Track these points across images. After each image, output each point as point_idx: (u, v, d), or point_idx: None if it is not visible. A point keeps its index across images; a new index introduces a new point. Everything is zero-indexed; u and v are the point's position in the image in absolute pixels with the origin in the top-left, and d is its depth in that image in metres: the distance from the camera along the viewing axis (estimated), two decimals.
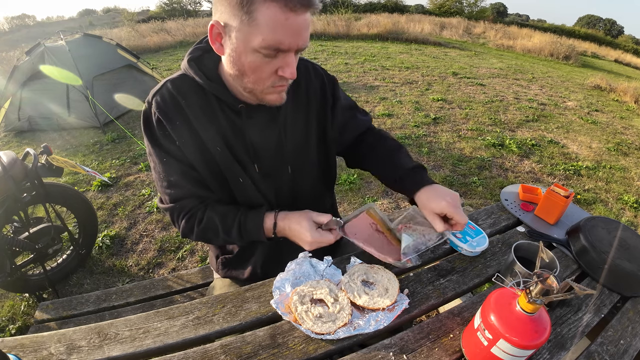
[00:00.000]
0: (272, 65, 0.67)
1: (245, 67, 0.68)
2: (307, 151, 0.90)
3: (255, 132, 0.81)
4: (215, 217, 0.83)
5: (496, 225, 1.11)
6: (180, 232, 0.86)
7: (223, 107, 0.78)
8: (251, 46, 0.64)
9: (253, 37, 0.63)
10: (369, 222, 0.92)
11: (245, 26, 0.62)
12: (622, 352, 0.72)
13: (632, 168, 3.68)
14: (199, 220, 0.83)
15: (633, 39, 32.51)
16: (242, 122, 0.79)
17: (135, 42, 9.22)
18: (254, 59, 0.66)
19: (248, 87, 0.72)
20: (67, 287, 1.99)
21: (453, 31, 14.73)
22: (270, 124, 0.82)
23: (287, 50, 0.65)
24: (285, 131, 0.84)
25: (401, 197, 2.89)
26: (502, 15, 37.57)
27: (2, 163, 1.52)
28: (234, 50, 0.67)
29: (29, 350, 0.67)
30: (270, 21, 0.61)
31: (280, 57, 0.66)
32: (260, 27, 0.61)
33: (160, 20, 13.68)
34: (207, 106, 0.78)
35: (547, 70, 8.96)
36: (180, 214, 0.84)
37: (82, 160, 3.50)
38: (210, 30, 0.67)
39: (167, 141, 0.77)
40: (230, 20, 0.63)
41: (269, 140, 0.83)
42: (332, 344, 0.69)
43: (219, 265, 1.02)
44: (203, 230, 0.83)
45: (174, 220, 0.87)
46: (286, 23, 0.61)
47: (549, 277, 0.56)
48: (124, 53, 4.89)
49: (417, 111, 4.83)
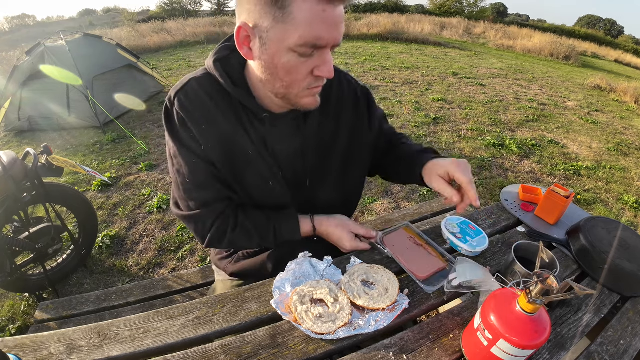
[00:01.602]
0: (308, 65, 0.64)
1: (279, 69, 0.64)
2: (330, 167, 0.87)
3: (277, 141, 0.78)
4: (248, 223, 0.81)
5: (496, 225, 1.11)
6: (207, 240, 0.81)
7: (248, 114, 0.76)
8: (286, 45, 0.60)
9: (289, 35, 0.59)
10: (407, 236, 0.98)
11: (280, 23, 0.58)
12: (622, 352, 0.72)
13: (632, 168, 3.68)
14: (232, 226, 0.80)
15: (633, 39, 32.52)
16: (265, 130, 0.77)
17: (135, 42, 9.23)
18: (289, 59, 0.62)
19: (281, 92, 0.68)
20: (67, 287, 1.99)
21: (453, 31, 14.74)
22: (295, 134, 0.80)
23: (324, 46, 0.62)
24: (309, 143, 0.82)
25: (401, 197, 2.90)
26: (502, 15, 37.57)
27: (2, 163, 1.52)
28: (265, 53, 0.63)
29: (29, 350, 0.67)
30: (308, 15, 0.57)
31: (316, 55, 0.63)
32: (297, 22, 0.57)
33: (160, 20, 13.67)
34: (233, 110, 0.75)
35: (547, 71, 8.97)
36: (210, 219, 0.80)
37: (82, 160, 3.50)
38: (237, 34, 0.64)
39: (193, 142, 0.74)
40: (261, 20, 0.60)
41: (291, 150, 0.81)
42: (332, 344, 0.69)
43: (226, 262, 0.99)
44: (237, 236, 0.80)
45: (200, 227, 0.80)
46: (324, 16, 0.58)
47: (549, 277, 0.56)
48: (124, 53, 4.89)
49: (417, 111, 4.83)
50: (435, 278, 0.85)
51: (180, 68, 7.22)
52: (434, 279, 0.84)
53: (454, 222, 1.02)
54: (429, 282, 0.84)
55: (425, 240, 0.96)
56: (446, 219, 1.04)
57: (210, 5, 30.81)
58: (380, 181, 3.06)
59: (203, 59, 8.16)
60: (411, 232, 1.00)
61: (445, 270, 0.86)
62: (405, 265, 0.87)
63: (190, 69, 7.10)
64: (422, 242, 0.96)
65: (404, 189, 2.99)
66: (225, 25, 12.15)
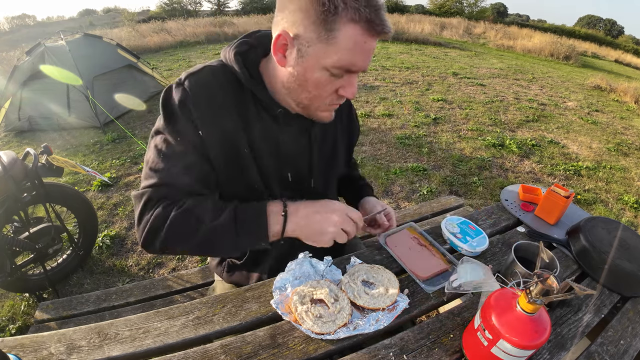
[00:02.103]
0: (334, 84, 0.67)
1: (309, 82, 0.67)
2: (333, 168, 0.92)
3: (288, 139, 0.80)
4: (204, 203, 0.71)
5: (496, 225, 1.11)
6: (147, 226, 0.69)
7: (259, 109, 0.75)
8: (322, 63, 0.63)
9: (328, 55, 0.62)
10: (410, 237, 0.98)
11: (322, 43, 0.61)
12: (622, 353, 0.72)
13: (632, 168, 3.68)
14: (179, 205, 0.70)
15: (633, 39, 32.54)
16: (277, 128, 0.77)
17: (135, 42, 9.23)
18: (320, 75, 0.65)
19: (304, 102, 0.71)
20: (67, 287, 1.99)
21: (453, 31, 14.75)
22: (302, 135, 0.82)
23: (356, 71, 0.66)
24: (315, 145, 0.85)
25: (401, 197, 2.90)
26: (502, 15, 37.58)
27: (2, 163, 1.52)
28: (299, 64, 0.65)
29: (29, 350, 0.67)
30: (350, 43, 0.61)
31: (345, 77, 0.67)
32: (339, 46, 0.61)
33: (160, 20, 13.67)
34: (243, 104, 0.74)
35: (547, 71, 8.97)
36: (160, 199, 0.70)
37: (82, 160, 3.50)
38: (276, 40, 0.65)
39: (187, 123, 0.70)
40: (305, 34, 0.62)
41: (299, 150, 0.83)
42: (332, 344, 0.69)
43: (223, 269, 0.98)
44: (182, 214, 0.68)
45: (146, 207, 0.70)
46: (364, 46, 0.62)
47: (549, 277, 0.56)
48: (124, 53, 4.89)
49: (417, 111, 4.83)
50: (437, 279, 0.85)
51: (180, 68, 7.22)
52: (435, 280, 0.84)
53: (454, 222, 1.02)
54: (430, 282, 0.84)
55: (429, 242, 0.96)
56: (446, 219, 1.04)
57: (210, 6, 30.83)
58: (380, 181, 3.07)
59: (203, 59, 8.17)
60: (415, 233, 1.00)
61: (447, 272, 0.86)
62: (406, 265, 0.87)
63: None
64: (425, 243, 0.96)
65: (404, 189, 2.99)
66: (225, 25, 12.15)
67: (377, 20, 0.60)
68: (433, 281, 0.84)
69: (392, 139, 3.93)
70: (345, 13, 0.59)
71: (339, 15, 0.59)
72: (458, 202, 1.72)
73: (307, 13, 0.60)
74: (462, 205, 1.71)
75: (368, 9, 0.59)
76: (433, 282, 0.83)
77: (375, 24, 0.60)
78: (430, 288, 0.81)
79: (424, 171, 3.27)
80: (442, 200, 1.76)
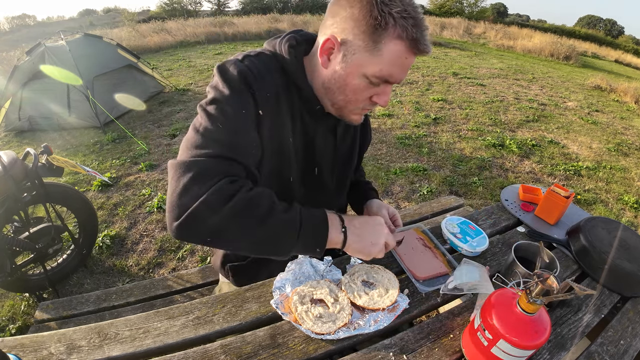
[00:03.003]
0: (370, 92, 0.71)
1: (348, 86, 0.70)
2: (348, 169, 0.96)
3: (319, 135, 0.83)
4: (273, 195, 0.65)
5: (496, 225, 1.11)
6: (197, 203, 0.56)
7: (301, 104, 0.78)
8: (363, 71, 0.67)
9: (370, 65, 0.66)
10: (416, 237, 0.98)
11: (367, 52, 0.65)
12: (622, 353, 0.72)
13: (632, 168, 3.68)
14: (248, 188, 0.62)
15: (633, 40, 32.52)
16: (312, 123, 0.80)
17: (135, 42, 9.22)
18: (359, 82, 0.69)
19: (339, 104, 0.75)
20: (67, 287, 1.99)
21: (453, 31, 14.74)
22: (331, 133, 0.86)
23: (392, 82, 0.69)
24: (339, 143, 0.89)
25: (401, 197, 2.90)
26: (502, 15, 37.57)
27: (2, 163, 1.53)
28: (342, 69, 0.69)
29: (29, 350, 0.67)
30: (394, 57, 0.64)
31: (382, 86, 0.70)
32: (382, 58, 0.65)
33: (160, 20, 13.66)
34: (290, 95, 0.76)
35: (548, 71, 8.97)
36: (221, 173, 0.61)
37: (82, 160, 3.50)
38: (324, 43, 0.69)
39: (250, 100, 0.67)
40: (353, 41, 0.65)
41: (327, 148, 0.87)
42: (332, 344, 0.69)
43: (227, 272, 0.98)
44: (251, 198, 0.60)
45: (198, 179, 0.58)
46: (404, 62, 0.66)
47: (549, 277, 0.56)
48: (124, 53, 4.89)
49: (417, 111, 4.83)
50: (434, 281, 0.84)
51: (180, 68, 7.22)
52: (432, 282, 0.83)
53: (454, 222, 1.02)
54: (426, 283, 0.83)
55: (435, 244, 0.95)
56: (446, 219, 1.04)
57: (210, 6, 30.80)
58: (380, 181, 3.07)
59: (203, 59, 8.16)
60: (421, 234, 0.99)
61: (447, 276, 0.85)
62: (405, 263, 0.87)
63: (190, 69, 7.11)
64: (430, 245, 0.95)
65: (404, 189, 2.99)
66: (225, 26, 12.14)
67: (422, 40, 0.64)
68: (430, 282, 0.83)
69: (392, 139, 3.93)
70: (394, 30, 0.62)
71: (388, 30, 0.62)
72: (458, 202, 1.72)
73: (358, 22, 0.64)
74: (462, 205, 1.71)
75: (415, 28, 0.62)
76: (429, 284, 0.83)
77: (419, 43, 0.64)
78: (425, 288, 0.81)
79: (424, 171, 3.27)
80: (442, 200, 1.76)
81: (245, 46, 10.00)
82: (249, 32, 11.46)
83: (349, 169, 0.97)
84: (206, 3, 33.63)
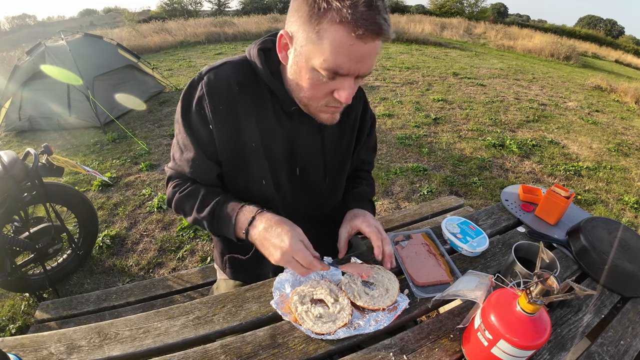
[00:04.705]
0: (329, 86, 0.66)
1: (303, 82, 0.68)
2: (344, 167, 0.93)
3: (301, 136, 0.81)
4: (200, 192, 0.82)
5: (496, 225, 1.11)
6: (166, 196, 0.89)
7: (275, 105, 0.77)
8: (311, 64, 0.63)
9: (315, 56, 0.62)
10: (422, 242, 0.97)
11: (310, 43, 0.62)
12: (622, 353, 0.72)
13: (632, 169, 3.68)
14: (184, 188, 0.84)
15: (634, 40, 32.52)
16: (290, 124, 0.79)
17: (135, 42, 9.23)
18: (312, 76, 0.65)
19: (302, 101, 0.73)
20: (67, 286, 1.99)
21: (453, 31, 14.75)
22: (316, 133, 0.83)
23: (345, 74, 0.64)
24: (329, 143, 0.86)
25: (402, 197, 2.90)
26: (502, 15, 37.58)
27: (2, 163, 1.53)
28: (296, 64, 0.67)
29: (29, 349, 0.67)
30: (335, 44, 0.59)
31: (338, 79, 0.65)
32: (324, 47, 0.60)
33: (160, 20, 13.68)
34: (259, 100, 0.76)
35: (548, 71, 8.96)
36: (174, 179, 0.88)
37: (82, 160, 3.50)
38: (279, 39, 0.68)
39: (199, 120, 0.76)
40: (298, 34, 0.63)
41: (313, 148, 0.84)
42: (332, 344, 0.69)
43: (225, 264, 0.99)
44: (183, 198, 0.83)
45: (167, 182, 0.90)
46: (350, 49, 0.59)
47: (549, 277, 0.56)
48: (124, 53, 4.89)
49: (417, 111, 4.83)
50: (433, 288, 0.82)
51: (180, 68, 7.22)
52: (430, 289, 0.81)
53: (454, 223, 1.02)
54: (424, 289, 0.82)
55: (440, 252, 0.94)
56: (446, 219, 1.04)
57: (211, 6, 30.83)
58: (380, 181, 3.06)
59: (204, 59, 8.17)
60: (428, 240, 0.98)
61: (446, 285, 0.82)
62: (406, 268, 0.87)
63: (190, 69, 7.11)
64: (436, 253, 0.93)
65: (404, 189, 2.99)
66: (225, 26, 12.14)
67: (364, 22, 0.56)
68: (428, 289, 0.82)
69: (393, 139, 3.93)
70: (329, 14, 0.57)
71: (326, 16, 0.58)
72: (458, 203, 1.72)
73: (299, 12, 0.61)
74: (462, 205, 1.71)
75: (353, 9, 0.56)
76: (427, 290, 0.81)
77: (360, 25, 0.56)
78: (422, 294, 0.79)
79: (424, 171, 3.27)
80: (442, 201, 1.76)
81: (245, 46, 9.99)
82: (249, 32, 11.47)
83: (342, 169, 0.94)
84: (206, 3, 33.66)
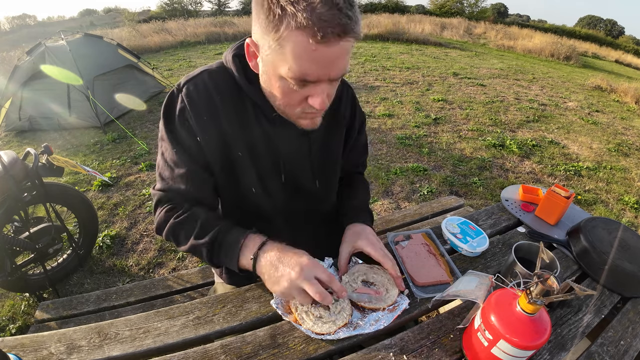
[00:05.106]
0: (301, 93, 0.63)
1: (275, 90, 0.65)
2: (335, 169, 0.91)
3: (285, 142, 0.79)
4: (199, 217, 0.76)
5: (496, 225, 1.11)
6: (155, 223, 0.80)
7: (257, 112, 0.75)
8: (278, 73, 0.60)
9: (280, 65, 0.59)
10: (422, 242, 0.96)
11: (273, 52, 0.58)
12: (622, 353, 0.72)
13: (632, 169, 3.68)
14: (179, 214, 0.77)
15: (634, 40, 32.52)
16: (274, 131, 0.76)
17: (136, 42, 9.24)
18: (282, 84, 0.62)
19: (279, 108, 0.70)
20: (67, 286, 1.99)
21: (454, 31, 14.75)
22: (302, 137, 0.80)
23: (315, 81, 0.60)
24: (316, 146, 0.83)
25: (402, 197, 2.89)
26: (502, 15, 37.59)
27: (2, 163, 1.53)
28: (265, 73, 0.65)
29: (29, 349, 0.67)
30: (297, 52, 0.55)
31: (310, 86, 0.61)
32: (287, 56, 0.56)
33: (161, 20, 13.68)
34: (241, 108, 0.74)
35: (548, 71, 8.97)
36: (165, 203, 0.80)
37: (82, 160, 3.50)
38: (247, 48, 0.66)
39: (184, 132, 0.73)
40: (262, 42, 0.60)
41: (299, 152, 0.82)
42: (332, 344, 0.69)
43: (222, 271, 0.98)
44: (178, 224, 0.76)
45: (156, 207, 0.81)
46: (314, 54, 0.55)
47: (550, 277, 0.56)
48: (124, 53, 4.89)
49: (417, 111, 4.83)
50: (432, 288, 0.81)
51: (180, 68, 7.23)
52: (430, 289, 0.81)
53: (454, 223, 1.02)
54: (423, 289, 0.81)
55: (440, 252, 0.93)
56: (446, 219, 1.04)
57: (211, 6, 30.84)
58: (380, 181, 3.06)
59: (204, 59, 8.17)
60: (428, 240, 0.98)
61: (446, 285, 0.82)
62: (406, 267, 0.87)
63: (190, 68, 7.11)
64: (436, 253, 0.93)
65: (404, 189, 2.99)
66: (225, 26, 12.15)
67: (324, 24, 0.52)
68: (427, 289, 0.81)
69: (393, 139, 3.94)
70: (284, 20, 0.53)
71: (281, 23, 0.54)
72: (458, 203, 1.72)
73: (259, 21, 0.58)
74: (462, 205, 1.71)
75: (308, 12, 0.52)
76: (427, 290, 0.81)
77: (320, 28, 0.52)
78: (422, 294, 0.79)
79: (424, 171, 3.27)
80: (442, 201, 1.76)
81: None
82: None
83: (333, 170, 0.91)
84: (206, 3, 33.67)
